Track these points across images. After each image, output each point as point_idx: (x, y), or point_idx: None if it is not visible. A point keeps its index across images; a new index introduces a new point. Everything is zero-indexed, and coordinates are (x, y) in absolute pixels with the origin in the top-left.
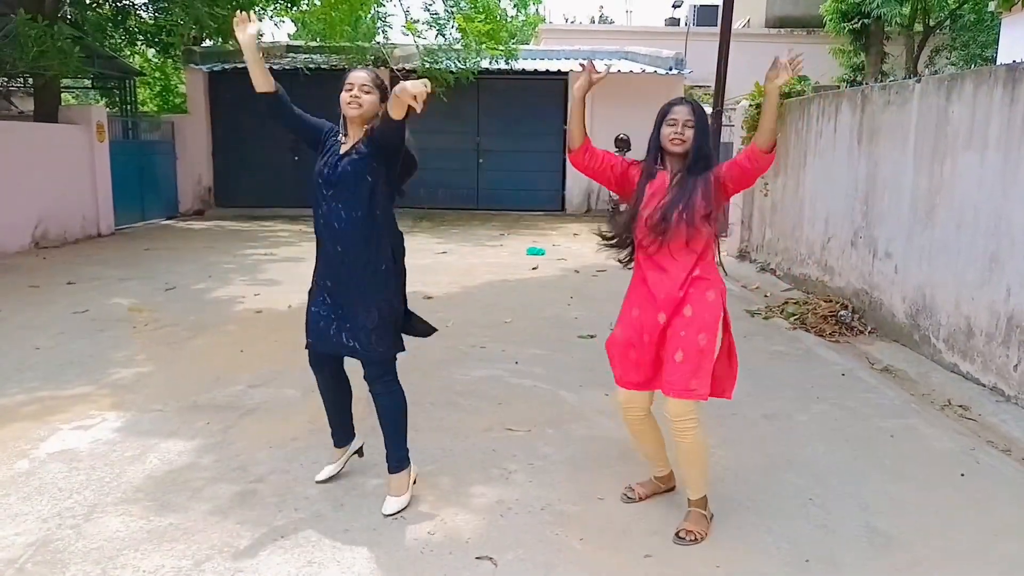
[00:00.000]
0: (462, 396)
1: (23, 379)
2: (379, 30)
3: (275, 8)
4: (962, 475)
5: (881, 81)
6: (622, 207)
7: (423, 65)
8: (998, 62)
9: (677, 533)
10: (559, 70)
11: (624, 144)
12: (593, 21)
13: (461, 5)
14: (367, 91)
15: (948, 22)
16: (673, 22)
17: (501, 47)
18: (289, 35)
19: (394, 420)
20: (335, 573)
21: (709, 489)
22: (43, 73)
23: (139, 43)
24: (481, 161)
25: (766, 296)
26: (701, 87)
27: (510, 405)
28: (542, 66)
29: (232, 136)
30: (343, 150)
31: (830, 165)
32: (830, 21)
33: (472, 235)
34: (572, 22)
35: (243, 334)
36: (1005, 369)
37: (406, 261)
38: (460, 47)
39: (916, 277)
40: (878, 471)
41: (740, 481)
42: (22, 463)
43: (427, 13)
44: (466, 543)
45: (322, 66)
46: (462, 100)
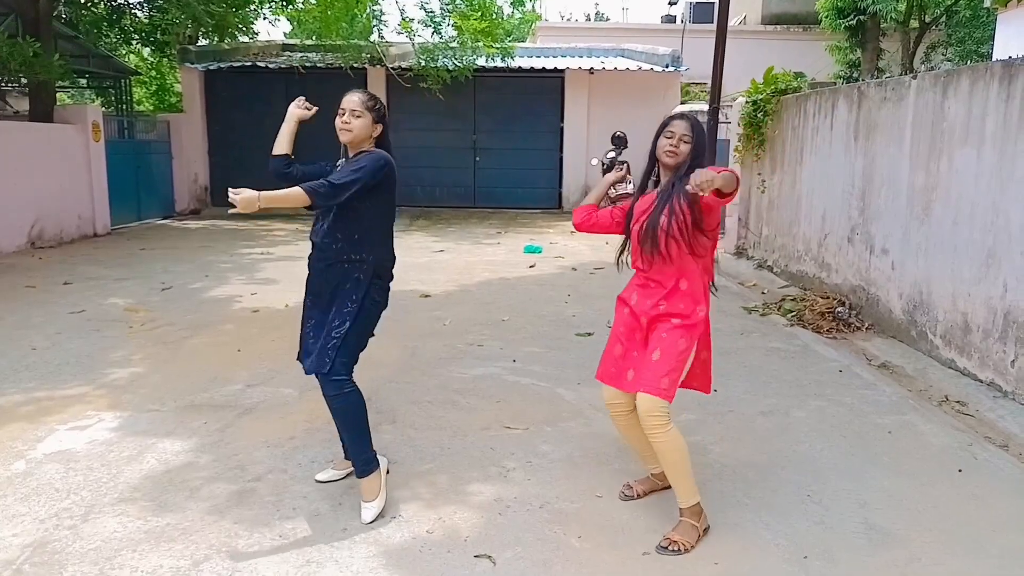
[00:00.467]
0: (460, 394)
1: (19, 379)
2: (375, 28)
3: (271, 7)
4: (959, 471)
5: (877, 77)
6: (619, 203)
7: (419, 63)
8: (994, 58)
9: (660, 543)
10: (555, 68)
11: (620, 141)
12: (589, 18)
13: (457, 3)
14: (357, 115)
15: (944, 18)
16: (669, 19)
17: (497, 45)
18: (285, 34)
19: (350, 423)
20: (333, 572)
21: (699, 497)
22: (36, 76)
23: (134, 42)
24: (478, 159)
25: (763, 293)
26: (697, 84)
27: (508, 403)
28: (538, 64)
29: (228, 135)
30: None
31: (827, 162)
32: (826, 17)
33: (469, 233)
34: (568, 20)
35: (240, 333)
36: (1002, 365)
37: (404, 259)
38: (456, 45)
39: (913, 273)
40: (875, 467)
41: (737, 478)
42: (19, 464)
43: (423, 11)
44: (464, 541)
45: (318, 64)
46: (458, 98)
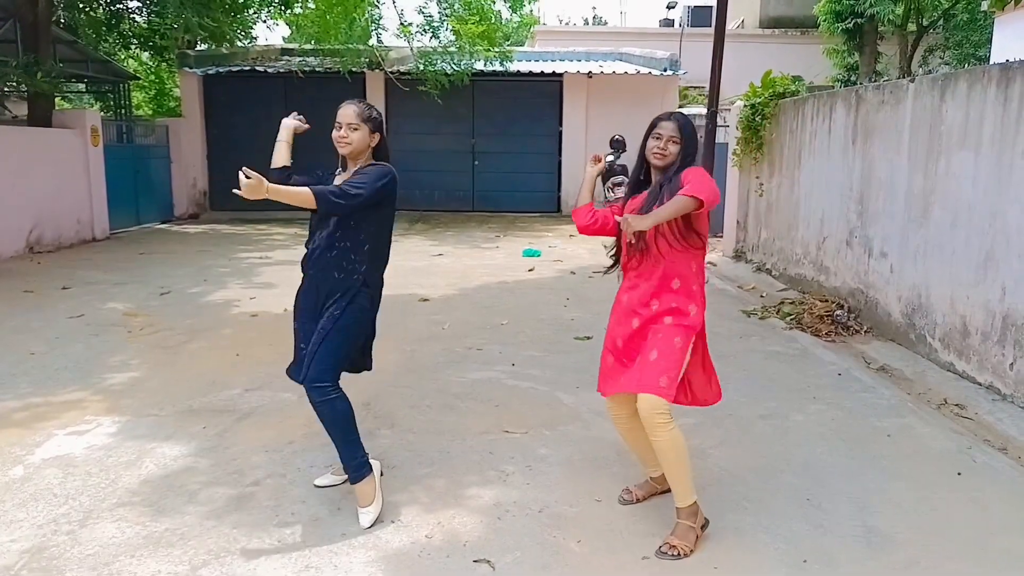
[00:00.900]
0: (459, 398)
1: (17, 384)
2: (373, 33)
3: (269, 11)
4: (959, 474)
5: (875, 81)
6: (614, 202)
7: (417, 67)
8: (991, 61)
9: (660, 547)
10: (553, 71)
11: (619, 145)
12: (587, 22)
13: (455, 7)
14: (354, 128)
15: (941, 22)
16: (667, 23)
17: (495, 49)
18: (283, 38)
19: (337, 429)
20: None
21: (696, 496)
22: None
23: (133, 47)
24: (476, 163)
25: (762, 296)
26: (695, 88)
27: (507, 407)
28: (537, 67)
29: (227, 139)
30: (337, 182)
31: (825, 165)
32: (824, 21)
33: (468, 237)
34: (566, 23)
35: (239, 338)
36: (1001, 368)
37: (403, 263)
38: (454, 49)
39: (911, 276)
40: (875, 470)
41: (737, 481)
42: (17, 469)
43: (421, 16)
44: (464, 546)
45: (316, 69)
46: (457, 102)
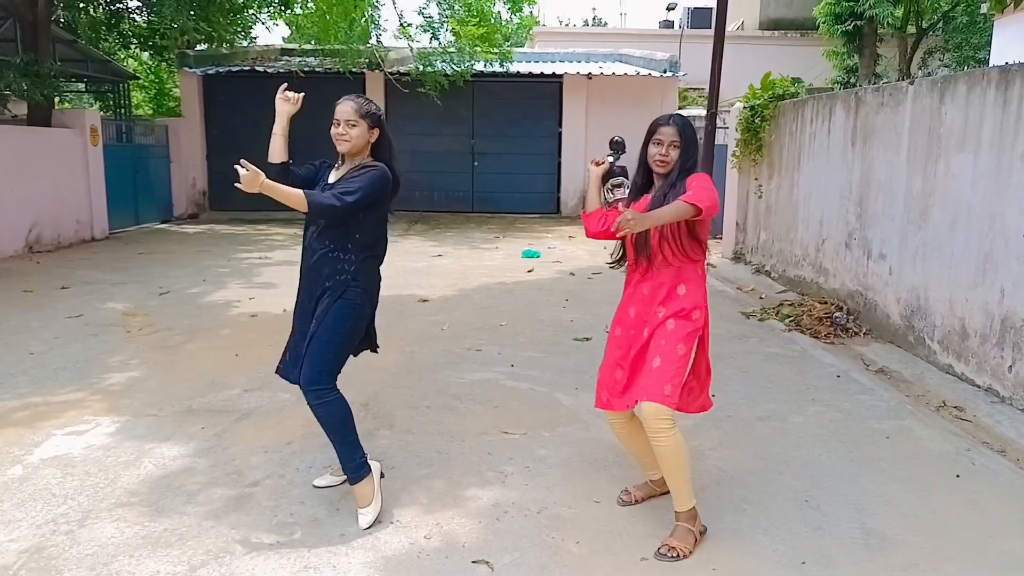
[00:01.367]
0: (458, 399)
1: (16, 384)
2: (373, 33)
3: (269, 12)
4: (957, 476)
5: (874, 83)
6: (615, 203)
7: (417, 68)
8: (991, 64)
9: (659, 549)
10: (553, 73)
11: (618, 146)
12: (587, 24)
13: (455, 8)
14: (353, 124)
15: (941, 24)
16: (667, 24)
17: (495, 50)
18: (283, 38)
19: (335, 431)
20: None
21: (696, 501)
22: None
23: (133, 46)
24: (476, 164)
25: (761, 298)
26: (695, 89)
27: (506, 408)
28: (536, 69)
29: (226, 139)
30: (332, 179)
31: (824, 167)
32: (823, 23)
33: (467, 238)
34: (566, 25)
35: (238, 338)
36: (1000, 370)
37: (402, 264)
38: (454, 50)
39: (910, 278)
40: (873, 472)
41: (735, 483)
42: (15, 469)
43: (421, 17)
44: (462, 547)
45: (316, 69)
46: (457, 103)
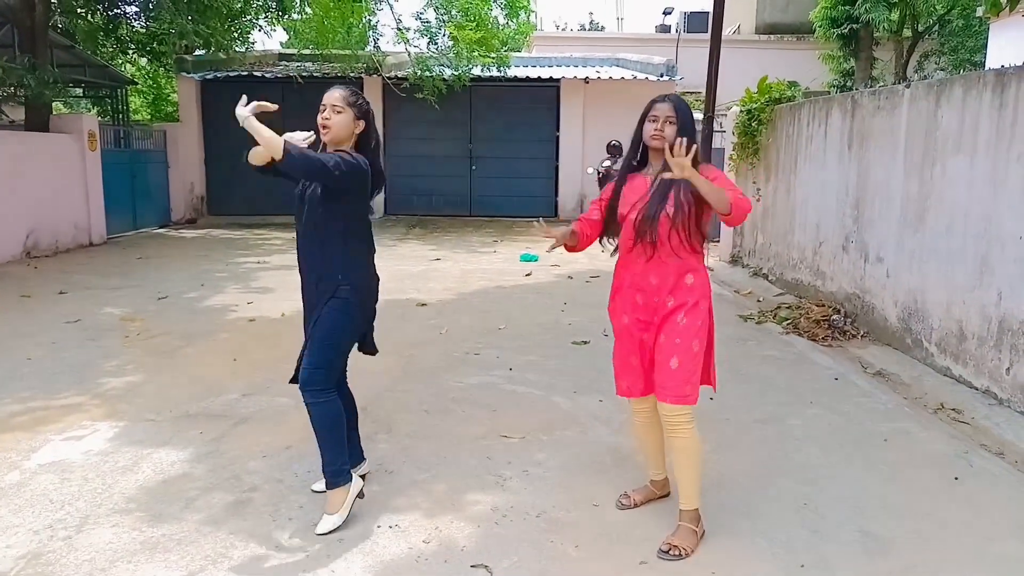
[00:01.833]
0: (456, 403)
1: (14, 389)
2: (371, 38)
3: (267, 17)
4: (956, 478)
5: (871, 86)
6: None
7: (415, 73)
8: (987, 67)
9: (661, 547)
10: (551, 77)
11: (616, 150)
12: (584, 28)
13: (453, 13)
14: (338, 111)
15: (937, 27)
16: (664, 29)
17: (493, 55)
18: (281, 43)
19: (321, 432)
20: None
21: (701, 502)
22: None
23: (131, 52)
24: (474, 168)
25: (759, 301)
26: (692, 93)
27: (504, 412)
28: (534, 73)
29: (224, 144)
30: None
31: (821, 170)
32: (819, 27)
33: (465, 242)
34: (563, 29)
35: (236, 342)
36: (997, 372)
37: (401, 268)
38: (452, 55)
39: (907, 281)
40: (872, 475)
41: (734, 486)
42: (13, 474)
43: (419, 22)
44: (461, 551)
45: (315, 74)
46: (454, 107)
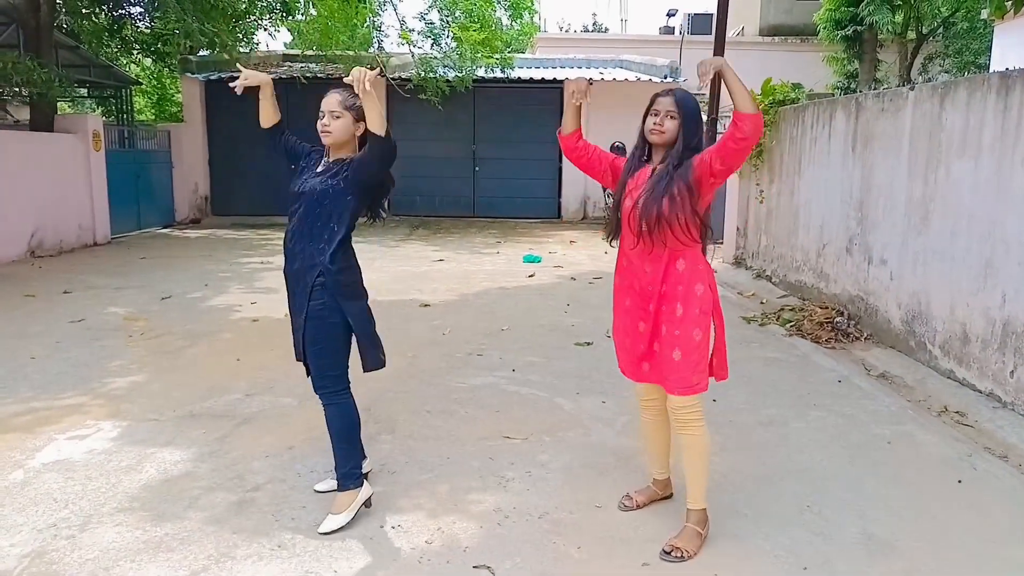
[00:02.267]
0: (459, 404)
1: (18, 389)
2: (375, 39)
3: (271, 18)
4: (959, 481)
5: (875, 88)
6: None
7: (419, 74)
8: (991, 69)
9: (664, 548)
10: (554, 78)
11: (619, 151)
12: (588, 29)
13: (456, 15)
14: (336, 116)
15: (941, 30)
16: (667, 30)
17: (496, 56)
18: (285, 44)
19: (338, 432)
20: None
21: (707, 503)
22: (36, 90)
23: (135, 52)
24: (477, 169)
25: (762, 303)
26: (696, 95)
27: (507, 413)
28: (537, 74)
29: (228, 145)
30: (318, 168)
31: (825, 172)
32: (823, 29)
33: (468, 243)
34: (567, 31)
35: (239, 342)
36: (1001, 375)
37: (403, 269)
38: (456, 56)
39: (911, 283)
40: (875, 478)
41: (737, 488)
42: (17, 473)
43: (422, 23)
44: (464, 552)
45: (319, 75)
46: (458, 108)
